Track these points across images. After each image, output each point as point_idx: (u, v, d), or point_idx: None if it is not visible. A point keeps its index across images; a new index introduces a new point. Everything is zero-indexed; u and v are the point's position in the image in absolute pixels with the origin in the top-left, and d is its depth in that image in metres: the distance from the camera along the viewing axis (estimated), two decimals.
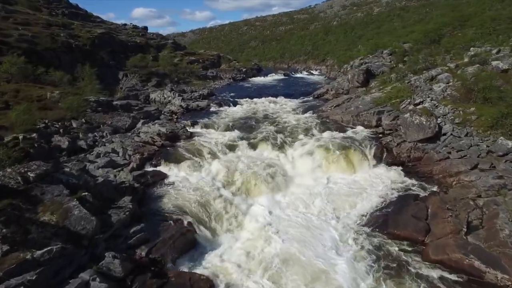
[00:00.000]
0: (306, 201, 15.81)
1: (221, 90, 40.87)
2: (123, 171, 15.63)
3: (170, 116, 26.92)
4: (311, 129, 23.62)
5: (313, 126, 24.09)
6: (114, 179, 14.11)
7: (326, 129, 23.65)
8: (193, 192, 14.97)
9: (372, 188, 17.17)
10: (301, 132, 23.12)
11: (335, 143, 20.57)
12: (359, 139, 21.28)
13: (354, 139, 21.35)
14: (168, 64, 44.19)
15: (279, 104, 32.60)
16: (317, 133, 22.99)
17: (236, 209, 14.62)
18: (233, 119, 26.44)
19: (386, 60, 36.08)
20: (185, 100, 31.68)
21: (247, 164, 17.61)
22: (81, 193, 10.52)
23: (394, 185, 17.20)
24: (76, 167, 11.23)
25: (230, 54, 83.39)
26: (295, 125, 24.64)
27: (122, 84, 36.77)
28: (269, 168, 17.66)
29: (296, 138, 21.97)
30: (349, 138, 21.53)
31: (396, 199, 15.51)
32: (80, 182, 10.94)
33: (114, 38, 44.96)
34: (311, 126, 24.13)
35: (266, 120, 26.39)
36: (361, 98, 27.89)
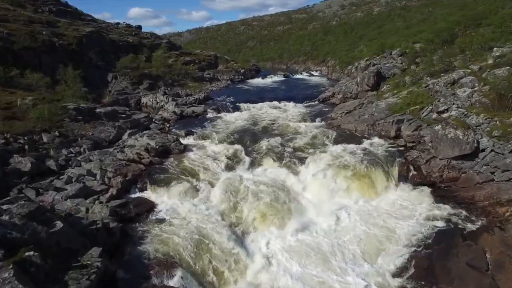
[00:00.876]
0: (324, 239, 12.64)
1: (218, 93, 37.62)
2: (98, 200, 12.41)
3: (162, 124, 23.65)
4: (323, 141, 20.51)
5: (324, 137, 20.98)
6: (84, 215, 10.87)
7: (339, 140, 20.56)
8: (185, 229, 11.77)
9: (403, 217, 14.10)
10: (311, 144, 20.00)
11: (351, 159, 17.50)
12: (378, 154, 18.24)
13: (373, 153, 18.29)
14: (162, 65, 40.79)
15: (282, 110, 29.44)
16: (329, 145, 19.88)
17: (239, 251, 11.43)
18: (232, 128, 23.23)
19: (396, 61, 33.05)
20: (179, 105, 28.40)
21: (251, 190, 14.41)
22: (23, 253, 7.30)
23: (429, 213, 14.14)
24: (22, 209, 7.98)
25: (227, 54, 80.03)
26: (303, 136, 21.50)
27: (111, 87, 33.38)
28: (277, 193, 14.51)
29: (306, 152, 18.84)
30: (367, 152, 18.45)
31: (437, 235, 12.41)
32: (26, 235, 7.73)
33: (104, 37, 41.45)
34: (322, 137, 21.02)
35: (270, 129, 23.22)
36: (375, 104, 24.81)
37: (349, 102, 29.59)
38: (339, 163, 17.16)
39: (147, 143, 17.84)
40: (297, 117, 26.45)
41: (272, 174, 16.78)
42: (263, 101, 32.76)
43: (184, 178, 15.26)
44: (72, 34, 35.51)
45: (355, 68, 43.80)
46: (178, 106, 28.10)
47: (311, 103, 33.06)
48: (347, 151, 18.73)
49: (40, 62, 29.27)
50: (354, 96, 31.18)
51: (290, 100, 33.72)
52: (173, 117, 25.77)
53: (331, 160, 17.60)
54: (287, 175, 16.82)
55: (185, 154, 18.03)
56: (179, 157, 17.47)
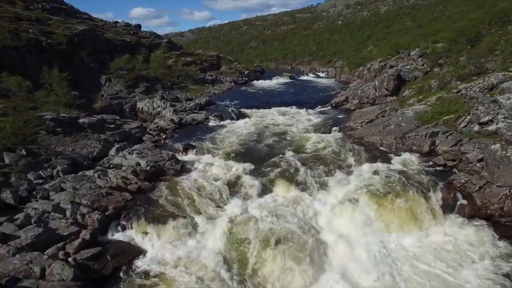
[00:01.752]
0: None
1: (221, 97, 34.36)
2: (63, 251, 9.16)
3: (157, 135, 20.38)
4: (345, 158, 17.21)
5: (346, 153, 17.68)
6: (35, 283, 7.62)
7: (365, 157, 17.25)
8: None
9: (458, 262, 10.85)
10: (332, 162, 16.70)
11: (383, 181, 14.22)
12: (414, 175, 14.95)
13: (408, 174, 15.01)
14: (161, 66, 37.52)
15: (292, 116, 26.14)
16: (354, 164, 16.58)
17: None
18: (237, 140, 19.95)
19: (417, 63, 29.66)
20: (177, 112, 25.12)
21: (263, 230, 11.09)
22: None
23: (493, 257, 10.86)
24: None
25: (229, 54, 76.75)
26: (320, 151, 18.23)
27: (104, 91, 30.18)
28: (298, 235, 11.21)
29: (328, 173, 15.54)
30: (400, 172, 15.16)
31: None
32: None
33: (99, 36, 38.21)
34: (343, 153, 17.72)
35: (280, 141, 19.93)
36: (400, 112, 21.46)
37: (367, 109, 26.28)
38: (370, 188, 13.85)
39: (136, 162, 14.58)
40: (310, 126, 23.13)
41: (288, 202, 13.46)
42: (270, 106, 29.53)
43: (179, 211, 11.97)
44: (62, 32, 32.27)
45: (367, 70, 40.47)
46: (176, 113, 24.82)
47: (323, 108, 29.75)
48: (376, 171, 15.46)
49: (24, 63, 26.08)
50: (371, 101, 27.86)
51: (300, 105, 30.49)
52: (170, 126, 22.50)
53: (359, 183, 14.31)
54: (306, 204, 13.52)
55: (182, 176, 14.74)
56: (174, 180, 14.19)
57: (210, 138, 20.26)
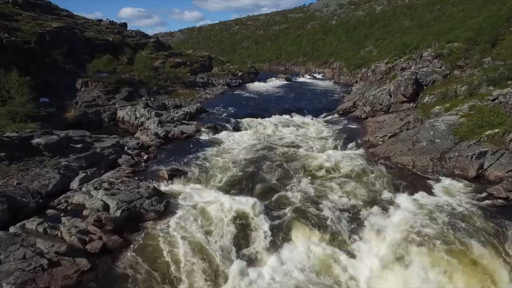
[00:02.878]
0: None
1: (214, 103, 30.25)
2: None
3: (138, 155, 16.19)
4: (375, 187, 13.38)
5: (375, 179, 13.86)
6: None
7: (397, 184, 13.49)
8: None
9: None
10: (359, 192, 12.86)
11: (434, 226, 10.44)
12: (471, 214, 11.21)
13: (462, 213, 11.30)
14: (146, 68, 33.13)
15: (297, 127, 22.23)
16: (387, 195, 12.76)
17: None
18: (236, 161, 15.92)
19: (434, 65, 26.05)
20: (163, 123, 20.95)
21: None
22: None
23: None
24: None
25: (221, 54, 72.46)
26: (341, 175, 14.37)
27: (79, 97, 25.74)
28: None
29: (358, 210, 11.69)
30: (450, 209, 11.47)
31: None
32: None
33: (76, 35, 33.56)
34: (371, 179, 13.89)
35: (289, 161, 15.98)
36: (429, 124, 17.75)
37: (382, 117, 22.55)
38: (421, 238, 10.04)
39: (102, 205, 10.45)
40: (320, 140, 19.26)
41: (312, 263, 9.54)
42: (270, 113, 25.58)
43: None
44: (31, 29, 27.65)
45: (372, 72, 36.82)
46: (162, 125, 20.65)
47: (330, 116, 25.94)
48: (420, 207, 11.71)
49: None
50: (386, 108, 24.18)
51: (303, 112, 26.65)
52: (154, 141, 18.32)
53: (404, 229, 10.49)
54: (337, 262, 9.63)
55: (166, 221, 10.67)
56: (154, 232, 10.11)
57: (202, 159, 16.17)
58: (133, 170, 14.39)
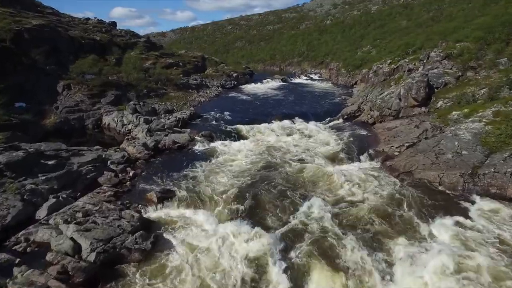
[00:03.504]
0: None
1: (208, 107, 27.96)
2: None
3: (123, 171, 13.87)
4: (399, 207, 11.32)
5: (401, 201, 11.80)
6: None
7: (426, 206, 11.46)
8: None
9: None
10: (383, 217, 10.79)
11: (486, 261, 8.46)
12: None
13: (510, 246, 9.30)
14: (135, 70, 30.67)
15: (300, 134, 20.12)
16: (416, 220, 10.73)
17: None
18: (235, 178, 13.72)
19: (444, 66, 24.20)
20: (153, 131, 18.63)
21: None
22: None
23: None
24: None
25: (214, 55, 69.94)
26: (359, 194, 12.28)
27: (60, 102, 23.22)
28: None
29: (386, 242, 9.62)
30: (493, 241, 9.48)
31: None
32: None
33: (59, 33, 30.91)
34: (393, 199, 11.84)
35: (296, 177, 13.86)
36: (451, 133, 15.80)
37: (392, 123, 20.57)
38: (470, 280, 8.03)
39: (71, 246, 8.17)
40: (329, 151, 17.15)
41: None
42: (269, 118, 23.42)
43: None
44: (6, 26, 25.00)
45: (374, 73, 34.95)
46: (151, 134, 18.33)
47: (335, 121, 23.88)
48: (459, 238, 9.72)
49: None
50: (395, 113, 22.22)
51: (304, 116, 24.57)
52: (142, 153, 15.99)
53: (447, 268, 8.47)
54: None
55: (153, 266, 8.44)
56: (137, 282, 7.86)
57: (197, 175, 13.93)
58: (116, 191, 12.07)
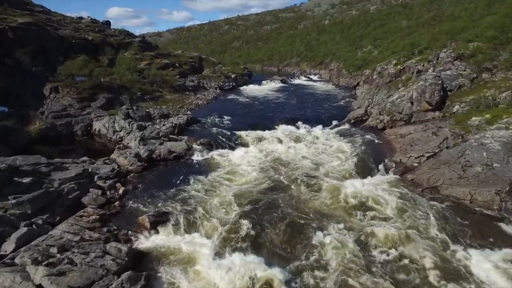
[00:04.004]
0: None
1: (206, 111, 26.23)
2: None
3: (111, 187, 12.11)
4: (432, 236, 9.68)
5: (430, 224, 10.17)
6: None
7: (460, 231, 9.84)
8: None
9: None
10: (416, 245, 9.16)
11: None
12: None
13: None
14: (129, 71, 28.84)
15: (308, 142, 18.46)
16: (454, 252, 9.11)
17: None
18: (239, 196, 12.00)
19: (457, 67, 22.66)
20: (147, 140, 16.87)
21: None
22: None
23: None
24: None
25: (211, 55, 68.19)
26: (384, 220, 10.64)
27: (47, 106, 21.37)
28: None
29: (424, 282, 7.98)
30: None
31: None
32: None
33: (48, 32, 28.97)
34: (424, 224, 10.20)
35: (309, 196, 12.20)
36: (475, 142, 14.22)
37: (405, 129, 18.96)
38: None
39: None
40: (341, 162, 15.49)
41: None
42: (271, 123, 21.78)
43: None
44: None
45: (378, 74, 33.39)
46: (145, 142, 16.57)
47: (342, 126, 22.26)
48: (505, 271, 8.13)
49: None
50: (406, 118, 20.67)
51: (308, 121, 22.95)
52: (135, 165, 14.24)
53: None
54: None
55: None
56: None
57: (196, 192, 12.19)
58: (103, 214, 10.31)
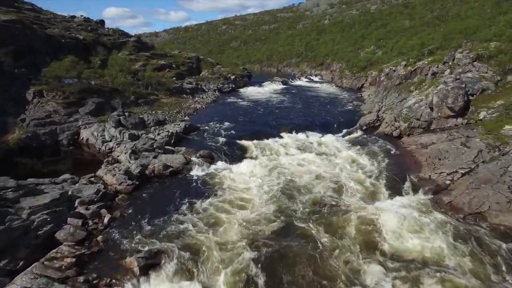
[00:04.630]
0: None
1: (205, 115, 24.14)
2: None
3: (95, 215, 9.99)
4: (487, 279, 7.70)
5: (482, 265, 8.17)
6: None
7: None
8: None
9: None
10: None
11: None
12: None
13: None
14: (122, 73, 26.62)
15: (320, 154, 16.38)
16: None
17: None
18: (245, 228, 9.93)
19: (478, 69, 20.71)
20: (139, 152, 14.72)
21: None
22: None
23: None
24: None
25: (208, 55, 65.96)
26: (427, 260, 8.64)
27: (28, 112, 19.16)
28: None
29: None
30: None
31: None
32: None
33: (34, 31, 26.69)
34: (477, 264, 8.20)
35: (329, 225, 10.18)
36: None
37: (425, 137, 16.94)
38: None
39: None
40: (361, 180, 13.43)
41: None
42: (276, 131, 19.78)
43: None
44: None
45: (386, 76, 31.46)
46: (137, 155, 14.43)
47: (354, 134, 20.29)
48: None
49: None
50: (425, 124, 18.72)
51: (316, 127, 21.04)
52: (124, 184, 12.11)
53: None
54: None
55: None
56: None
57: (194, 224, 10.08)
58: (81, 255, 8.20)
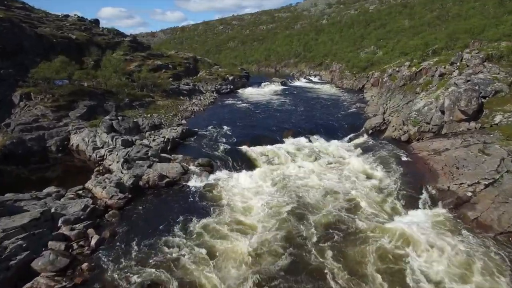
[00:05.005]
0: None
1: (203, 118, 22.96)
2: None
3: (81, 236, 8.83)
4: None
5: None
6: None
7: None
8: None
9: None
10: None
11: None
12: None
13: None
14: (117, 74, 25.34)
15: (325, 162, 15.28)
16: None
17: None
18: (251, 256, 8.83)
19: (490, 70, 19.71)
20: (132, 162, 13.50)
21: None
22: None
23: None
24: None
25: (206, 55, 64.81)
26: None
27: (14, 116, 17.88)
28: None
29: None
30: None
31: None
32: None
33: (23, 30, 25.35)
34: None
35: (348, 246, 9.07)
36: None
37: (438, 143, 15.89)
38: None
39: None
40: (374, 192, 12.34)
41: None
42: (278, 135, 18.70)
43: None
44: None
45: (389, 77, 30.44)
46: (130, 164, 13.22)
47: (360, 139, 19.23)
48: None
49: None
50: (436, 129, 17.70)
51: (319, 131, 20.02)
52: (115, 198, 10.93)
53: None
54: None
55: None
56: None
57: (192, 247, 8.92)
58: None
